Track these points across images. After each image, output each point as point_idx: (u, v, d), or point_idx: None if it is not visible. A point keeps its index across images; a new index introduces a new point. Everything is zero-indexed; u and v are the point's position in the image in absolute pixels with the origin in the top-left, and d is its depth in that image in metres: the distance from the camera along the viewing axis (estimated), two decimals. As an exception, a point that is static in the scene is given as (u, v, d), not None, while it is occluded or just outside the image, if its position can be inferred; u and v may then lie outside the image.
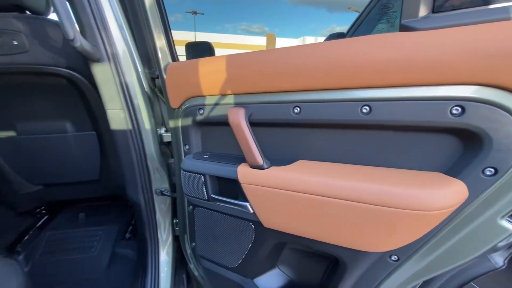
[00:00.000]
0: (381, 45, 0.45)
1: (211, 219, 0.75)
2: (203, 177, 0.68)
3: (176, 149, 0.81)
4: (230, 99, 0.63)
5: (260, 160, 0.57)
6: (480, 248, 0.47)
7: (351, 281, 0.61)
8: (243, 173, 0.60)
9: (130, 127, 0.81)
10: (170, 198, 0.98)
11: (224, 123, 0.62)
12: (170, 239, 1.02)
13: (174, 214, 1.01)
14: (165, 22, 0.75)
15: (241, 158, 0.63)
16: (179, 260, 1.05)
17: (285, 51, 0.54)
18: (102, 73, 0.75)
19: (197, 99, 0.69)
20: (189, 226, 0.86)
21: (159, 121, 0.91)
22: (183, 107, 0.72)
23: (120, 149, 0.85)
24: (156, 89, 0.87)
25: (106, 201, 1.50)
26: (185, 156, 0.77)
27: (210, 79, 0.64)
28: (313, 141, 0.59)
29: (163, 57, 0.75)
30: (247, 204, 0.63)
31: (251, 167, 0.59)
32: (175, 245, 1.03)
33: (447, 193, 0.43)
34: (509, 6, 0.39)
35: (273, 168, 0.58)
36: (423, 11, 0.44)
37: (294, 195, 0.54)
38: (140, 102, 0.81)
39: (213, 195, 0.69)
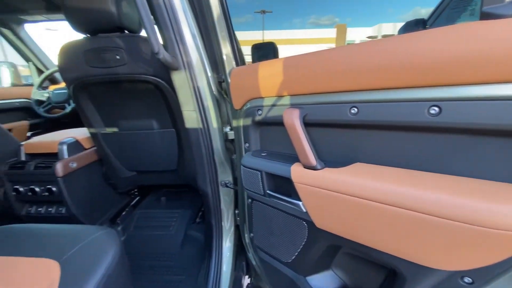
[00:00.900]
0: (456, 37, 0.39)
1: (267, 213, 0.80)
2: (260, 173, 0.72)
3: (237, 146, 0.88)
4: (286, 100, 0.65)
5: (313, 160, 0.58)
6: None
7: None
8: (297, 173, 0.62)
9: (200, 125, 0.92)
10: (233, 190, 1.07)
11: (280, 123, 0.64)
12: (232, 228, 1.11)
13: (236, 205, 1.10)
14: (230, 31, 0.82)
15: (296, 157, 0.65)
16: (240, 248, 1.14)
17: (340, 50, 0.53)
18: (179, 80, 0.88)
19: (256, 100, 0.74)
20: (248, 217, 0.93)
21: (225, 120, 1.00)
22: (244, 108, 0.78)
23: (192, 145, 0.97)
24: (222, 92, 0.96)
25: (182, 188, 1.73)
26: (245, 153, 0.84)
27: (268, 82, 0.68)
28: (371, 143, 0.55)
29: (228, 62, 0.83)
30: (300, 203, 0.64)
31: (304, 167, 0.61)
32: (236, 233, 1.12)
33: None
34: None
35: (327, 169, 0.58)
36: None
37: (349, 199, 0.53)
38: (209, 103, 0.91)
39: (268, 191, 0.72)
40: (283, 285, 0.84)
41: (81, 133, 1.33)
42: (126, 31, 1.01)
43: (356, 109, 0.53)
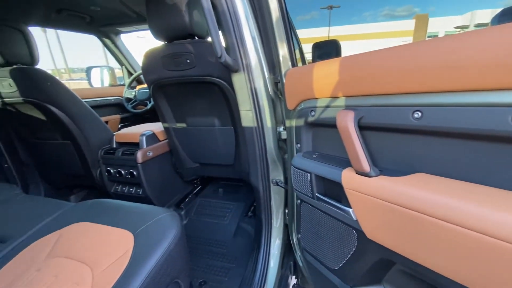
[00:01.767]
0: None
1: (315, 216, 0.79)
2: (309, 175, 0.72)
3: (289, 146, 0.89)
4: (340, 102, 0.63)
5: (367, 166, 0.54)
6: None
7: None
8: (348, 178, 0.59)
9: (255, 124, 0.97)
10: (283, 189, 1.09)
11: (333, 125, 0.63)
12: (281, 226, 1.13)
13: (286, 204, 1.11)
14: (288, 32, 0.83)
15: (348, 162, 0.62)
16: (288, 247, 1.15)
17: (402, 48, 0.49)
18: (238, 81, 0.93)
19: (310, 101, 0.73)
20: (296, 218, 0.93)
21: (279, 120, 1.02)
22: (298, 109, 0.78)
23: (247, 142, 1.02)
24: (278, 92, 0.98)
25: (237, 182, 1.84)
26: (296, 153, 0.84)
27: (322, 82, 0.67)
28: (436, 152, 0.49)
29: (284, 63, 0.84)
30: (350, 210, 0.61)
31: (356, 173, 0.58)
32: (285, 232, 1.14)
33: None
34: None
35: (383, 177, 0.54)
36: None
37: (406, 212, 0.48)
38: (264, 103, 0.95)
39: (317, 194, 0.71)
40: None
41: (158, 127, 1.55)
42: (196, 37, 1.13)
43: (420, 113, 0.47)
